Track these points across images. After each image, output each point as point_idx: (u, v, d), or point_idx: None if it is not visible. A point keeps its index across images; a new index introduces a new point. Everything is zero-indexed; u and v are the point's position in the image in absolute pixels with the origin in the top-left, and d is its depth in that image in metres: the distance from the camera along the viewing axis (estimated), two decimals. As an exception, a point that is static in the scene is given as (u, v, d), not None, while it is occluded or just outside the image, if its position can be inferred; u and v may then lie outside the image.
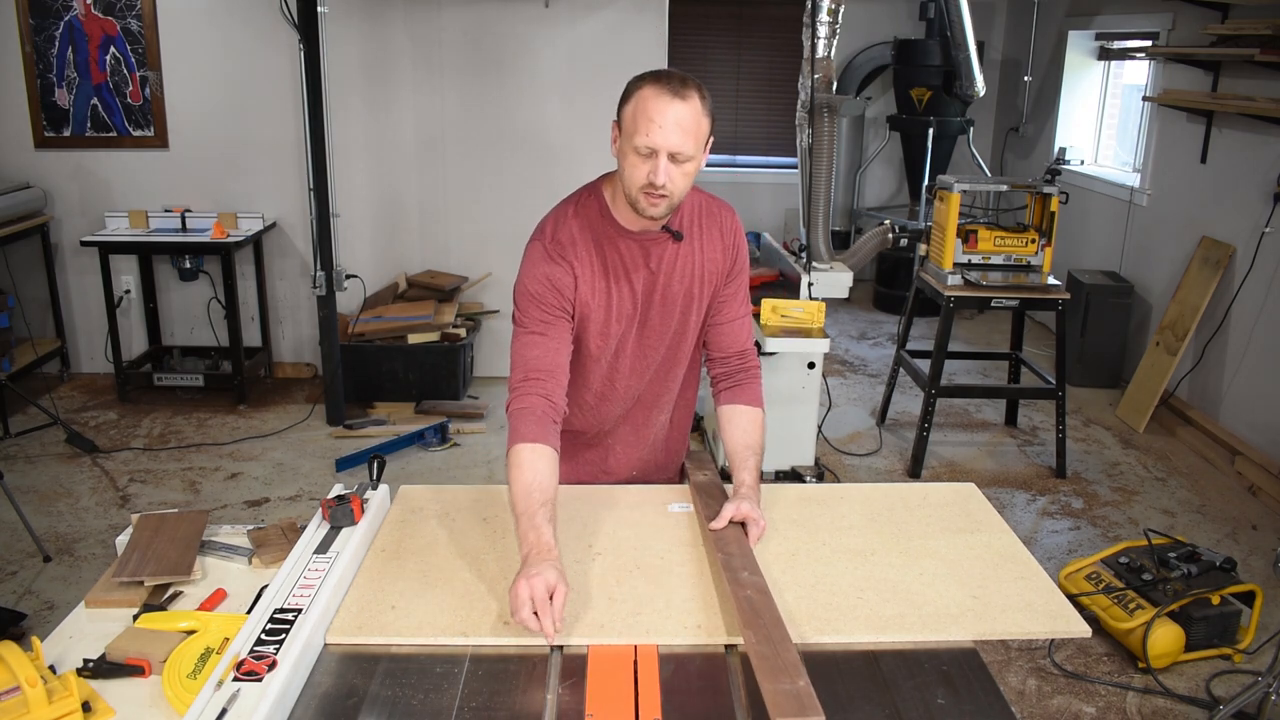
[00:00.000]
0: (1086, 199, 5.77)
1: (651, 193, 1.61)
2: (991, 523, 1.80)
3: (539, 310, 1.71)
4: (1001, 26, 7.12)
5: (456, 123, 4.88)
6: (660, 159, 1.58)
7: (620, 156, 1.65)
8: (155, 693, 1.34)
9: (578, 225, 1.74)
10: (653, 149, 1.58)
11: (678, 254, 1.77)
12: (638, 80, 1.62)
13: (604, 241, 1.74)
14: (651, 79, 1.60)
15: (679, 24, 6.14)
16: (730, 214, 1.85)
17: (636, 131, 1.58)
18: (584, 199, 1.77)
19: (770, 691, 1.24)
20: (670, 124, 1.57)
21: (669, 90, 1.58)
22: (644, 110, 1.58)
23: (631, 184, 1.63)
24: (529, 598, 1.39)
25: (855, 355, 5.84)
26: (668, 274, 1.77)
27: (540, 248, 1.73)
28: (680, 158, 1.60)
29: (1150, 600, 2.91)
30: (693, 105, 1.59)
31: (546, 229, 1.75)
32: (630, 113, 1.61)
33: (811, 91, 3.90)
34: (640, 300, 1.78)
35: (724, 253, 1.82)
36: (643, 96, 1.59)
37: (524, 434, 1.62)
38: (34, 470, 4.05)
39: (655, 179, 1.59)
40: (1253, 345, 4.29)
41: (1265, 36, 4.01)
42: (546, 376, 1.68)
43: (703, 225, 1.80)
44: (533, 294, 1.71)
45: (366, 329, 4.73)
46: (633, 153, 1.60)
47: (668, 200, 1.63)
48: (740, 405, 1.87)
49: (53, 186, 4.90)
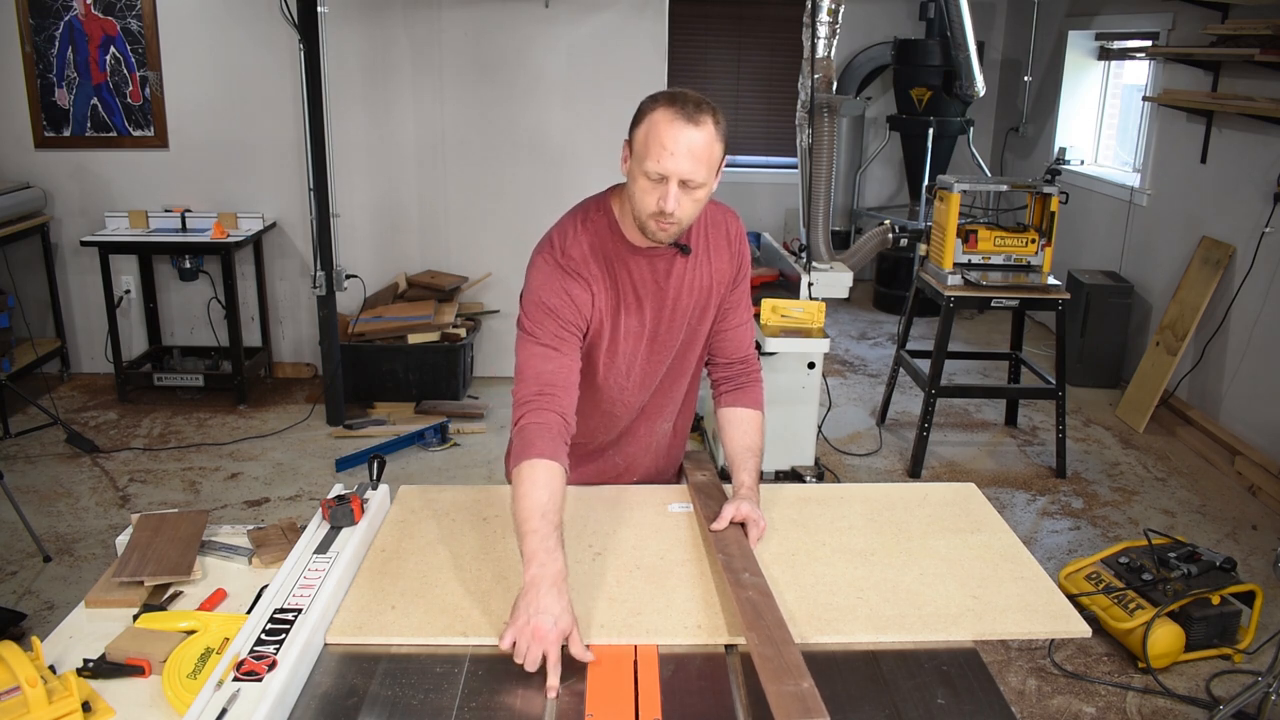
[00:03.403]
0: (1086, 199, 5.77)
1: (660, 219, 1.59)
2: (991, 523, 1.80)
3: (555, 324, 1.66)
4: (1001, 26, 7.12)
5: (456, 123, 4.88)
6: (670, 185, 1.55)
7: (630, 178, 1.62)
8: (155, 693, 1.34)
9: (587, 242, 1.70)
10: (663, 175, 1.55)
11: (686, 268, 1.75)
12: (651, 101, 1.58)
13: (614, 260, 1.71)
14: (665, 101, 1.56)
15: (679, 24, 6.15)
16: (734, 219, 1.83)
17: (648, 156, 1.55)
18: (592, 213, 1.73)
19: (774, 693, 1.24)
20: (682, 151, 1.53)
21: (682, 115, 1.54)
22: (656, 135, 1.54)
23: (641, 209, 1.60)
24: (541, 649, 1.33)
25: (855, 355, 5.84)
26: (677, 289, 1.75)
27: (553, 261, 1.69)
28: (691, 185, 1.57)
29: (1150, 600, 2.91)
30: (706, 131, 1.55)
31: (555, 242, 1.71)
32: (642, 136, 1.57)
33: (811, 91, 3.90)
34: (649, 317, 1.76)
35: (730, 260, 1.80)
36: (655, 120, 1.55)
37: (541, 449, 1.56)
38: (34, 470, 4.05)
39: (665, 206, 1.56)
40: (1252, 345, 4.29)
41: (1265, 36, 4.01)
42: (561, 393, 1.64)
43: (709, 235, 1.78)
44: (550, 307, 1.66)
45: (366, 329, 4.73)
46: (643, 176, 1.57)
47: (676, 226, 1.61)
48: (741, 408, 1.86)
49: (53, 186, 4.90)
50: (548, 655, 1.33)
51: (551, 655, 1.33)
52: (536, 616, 1.36)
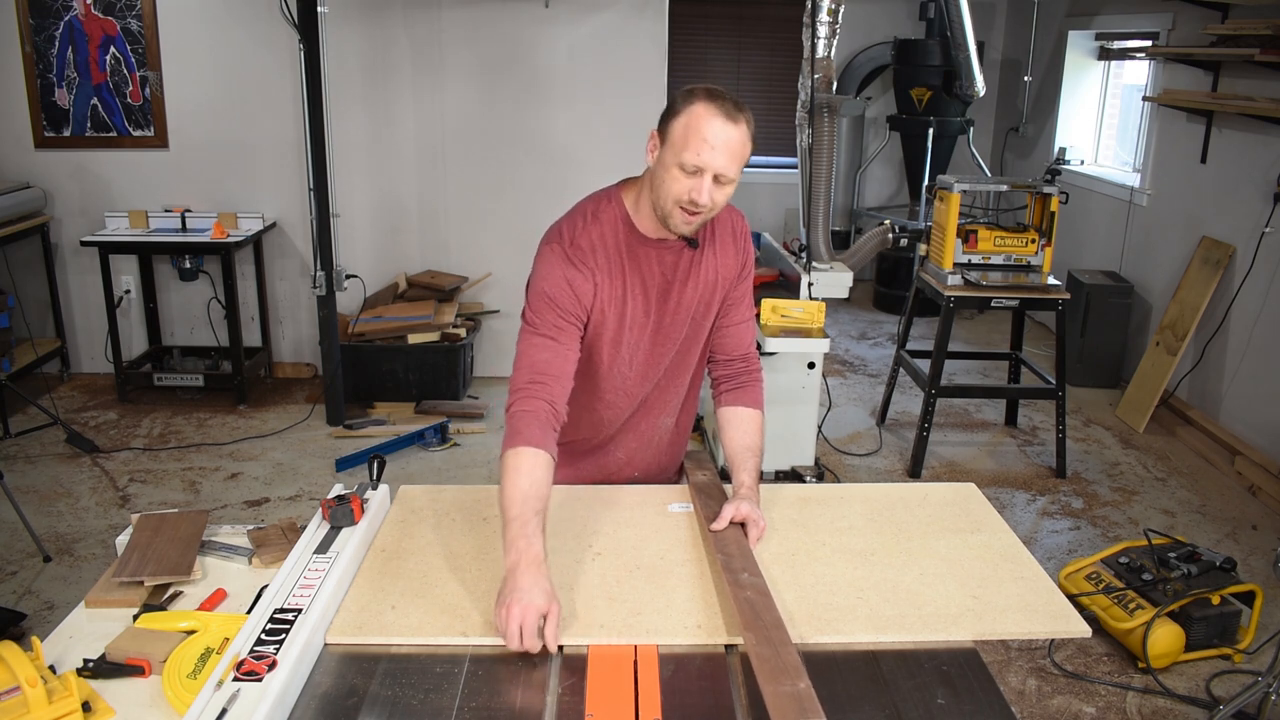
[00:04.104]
0: (1086, 199, 5.77)
1: (690, 210, 1.61)
2: (991, 523, 1.80)
3: (554, 314, 1.68)
4: (1001, 26, 7.12)
5: (456, 123, 4.88)
6: (705, 179, 1.58)
7: (660, 167, 1.63)
8: (155, 693, 1.34)
9: (597, 232, 1.71)
10: (700, 168, 1.57)
11: (693, 261, 1.77)
12: (690, 95, 1.61)
13: (624, 250, 1.72)
14: (706, 96, 1.59)
15: (679, 24, 6.15)
16: (740, 217, 1.85)
17: (687, 148, 1.57)
18: (603, 205, 1.74)
19: (771, 694, 1.24)
20: (721, 146, 1.57)
21: (723, 113, 1.57)
22: (697, 129, 1.57)
23: (668, 197, 1.62)
24: (518, 629, 1.37)
25: (855, 355, 5.84)
26: (683, 281, 1.77)
27: (560, 251, 1.70)
28: (724, 180, 1.60)
29: (1150, 600, 2.91)
30: (743, 131, 1.60)
31: (564, 233, 1.72)
32: (681, 128, 1.59)
33: (811, 91, 3.90)
34: (655, 309, 1.77)
35: (736, 256, 1.82)
36: (697, 114, 1.58)
37: (526, 437, 1.59)
38: (34, 470, 4.05)
39: (698, 198, 1.59)
40: (1253, 345, 4.29)
41: (1265, 36, 4.01)
42: (553, 382, 1.66)
43: (717, 232, 1.80)
44: (550, 296, 1.68)
45: (366, 329, 4.73)
46: (676, 167, 1.59)
47: (700, 219, 1.64)
48: (741, 408, 1.86)
49: (53, 186, 4.90)
50: (524, 631, 1.37)
51: (528, 631, 1.37)
52: (513, 596, 1.39)
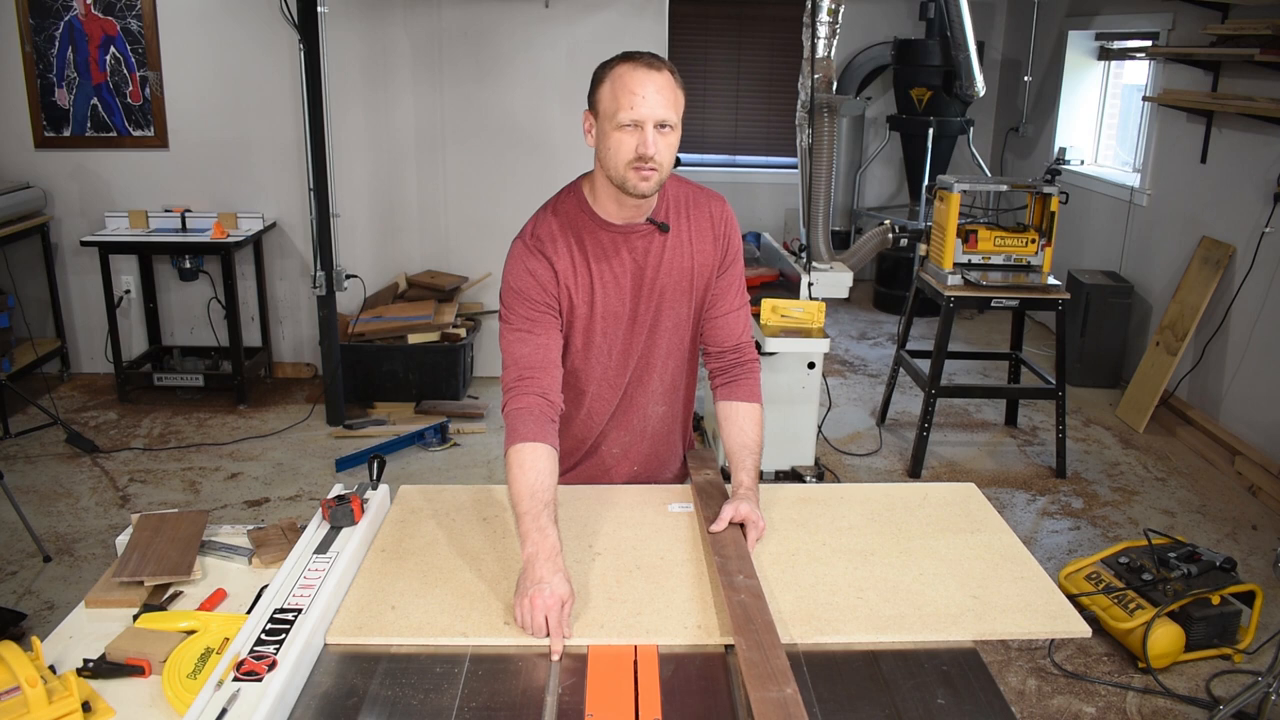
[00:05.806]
0: (1086, 199, 5.77)
1: (641, 166, 1.62)
2: (991, 523, 1.80)
3: (524, 306, 1.71)
4: (1001, 26, 7.12)
5: (457, 123, 4.88)
6: (647, 130, 1.60)
7: (602, 138, 1.65)
8: (155, 693, 1.34)
9: (557, 222, 1.74)
10: (638, 121, 1.60)
11: (665, 246, 1.76)
12: (607, 63, 1.65)
13: (585, 235, 1.74)
14: (622, 58, 1.64)
15: (679, 24, 6.15)
16: (720, 203, 1.84)
17: (619, 109, 1.60)
18: (563, 197, 1.78)
19: (758, 699, 1.24)
20: (652, 93, 1.59)
21: (643, 64, 1.62)
22: (624, 86, 1.60)
23: (619, 162, 1.63)
24: (543, 614, 1.41)
25: (855, 355, 5.84)
26: (654, 266, 1.77)
27: (521, 245, 1.75)
28: (664, 127, 1.62)
29: (1150, 600, 2.91)
30: (668, 77, 1.63)
31: (527, 228, 1.77)
32: (608, 93, 1.63)
33: (811, 91, 3.90)
34: (629, 296, 1.77)
35: (714, 243, 1.81)
36: (618, 74, 1.62)
37: (523, 433, 1.62)
38: (34, 470, 4.05)
39: (645, 150, 1.60)
40: (1253, 345, 4.29)
41: (1265, 36, 4.01)
42: (540, 373, 1.68)
43: (690, 216, 1.79)
44: (515, 289, 1.72)
45: (366, 329, 4.73)
46: (615, 131, 1.61)
47: (657, 174, 1.64)
48: (737, 402, 1.85)
49: (53, 186, 4.90)
50: (549, 620, 1.40)
51: (552, 620, 1.41)
52: (534, 588, 1.43)
